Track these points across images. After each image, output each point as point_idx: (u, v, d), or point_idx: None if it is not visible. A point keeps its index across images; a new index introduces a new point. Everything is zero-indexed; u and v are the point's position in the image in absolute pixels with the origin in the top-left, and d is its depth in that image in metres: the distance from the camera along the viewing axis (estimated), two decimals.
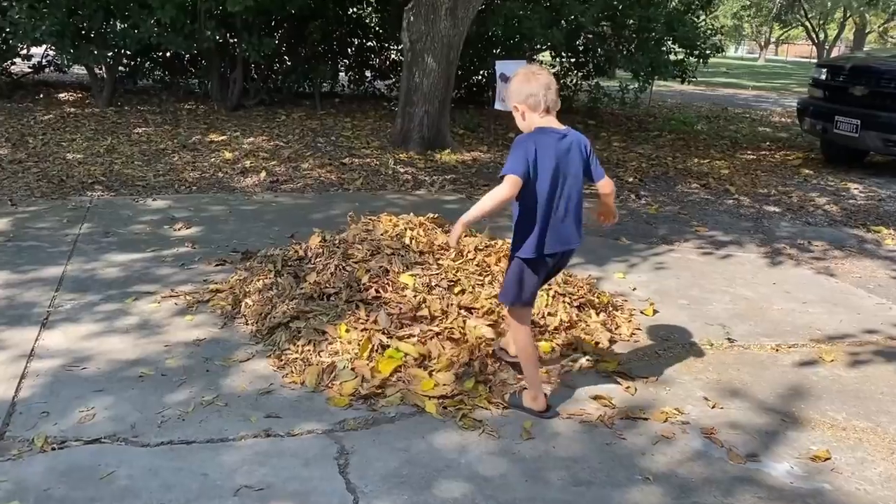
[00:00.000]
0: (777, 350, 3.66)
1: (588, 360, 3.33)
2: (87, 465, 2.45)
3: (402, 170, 7.18)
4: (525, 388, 2.96)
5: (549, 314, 3.56)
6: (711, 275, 4.72)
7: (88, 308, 3.67)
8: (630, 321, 3.83)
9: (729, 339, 3.74)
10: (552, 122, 2.74)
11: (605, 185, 2.91)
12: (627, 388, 3.13)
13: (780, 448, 2.79)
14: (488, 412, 2.91)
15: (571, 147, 2.74)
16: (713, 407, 3.05)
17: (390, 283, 3.52)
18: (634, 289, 4.35)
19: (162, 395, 2.90)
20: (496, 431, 2.78)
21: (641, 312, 3.99)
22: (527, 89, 2.71)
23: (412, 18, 7.84)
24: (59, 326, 3.45)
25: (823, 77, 8.60)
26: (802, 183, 7.75)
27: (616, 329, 3.72)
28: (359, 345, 3.17)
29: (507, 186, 2.60)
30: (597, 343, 3.48)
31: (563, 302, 3.67)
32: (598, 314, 3.74)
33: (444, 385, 3.02)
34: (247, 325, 3.54)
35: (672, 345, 3.64)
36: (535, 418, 2.86)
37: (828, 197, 7.14)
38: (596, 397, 3.06)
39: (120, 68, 10.18)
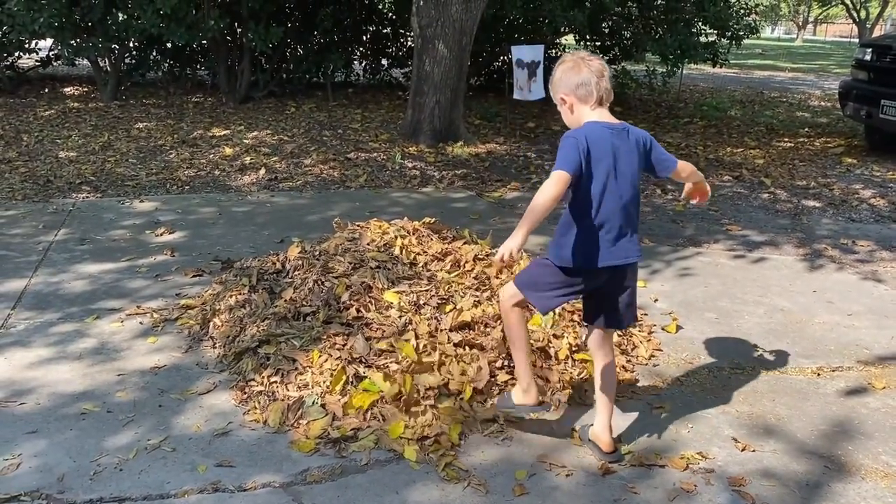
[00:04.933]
0: (818, 375, 3.18)
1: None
2: None
3: (409, 164, 6.75)
4: (513, 384, 2.60)
5: (555, 336, 3.12)
6: (744, 282, 4.22)
7: (43, 329, 3.32)
8: (649, 340, 3.38)
9: (763, 361, 3.27)
10: (605, 115, 2.33)
11: (683, 167, 2.50)
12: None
13: None
14: (476, 458, 2.49)
15: (630, 144, 2.32)
16: (743, 450, 2.60)
17: (373, 302, 3.11)
18: (656, 300, 3.89)
19: (102, 438, 2.53)
20: (484, 484, 2.36)
21: (663, 329, 3.54)
22: (576, 78, 2.31)
23: (422, 3, 7.37)
24: (6, 352, 3.10)
25: (868, 57, 7.93)
26: (845, 174, 7.15)
27: (633, 350, 3.28)
28: (332, 375, 2.77)
29: (552, 184, 2.17)
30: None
31: (572, 321, 3.23)
32: None
33: (427, 426, 2.61)
34: (213, 348, 3.16)
35: (697, 369, 3.18)
36: (534, 461, 2.44)
37: (873, 189, 6.54)
38: None
39: (126, 60, 9.86)
